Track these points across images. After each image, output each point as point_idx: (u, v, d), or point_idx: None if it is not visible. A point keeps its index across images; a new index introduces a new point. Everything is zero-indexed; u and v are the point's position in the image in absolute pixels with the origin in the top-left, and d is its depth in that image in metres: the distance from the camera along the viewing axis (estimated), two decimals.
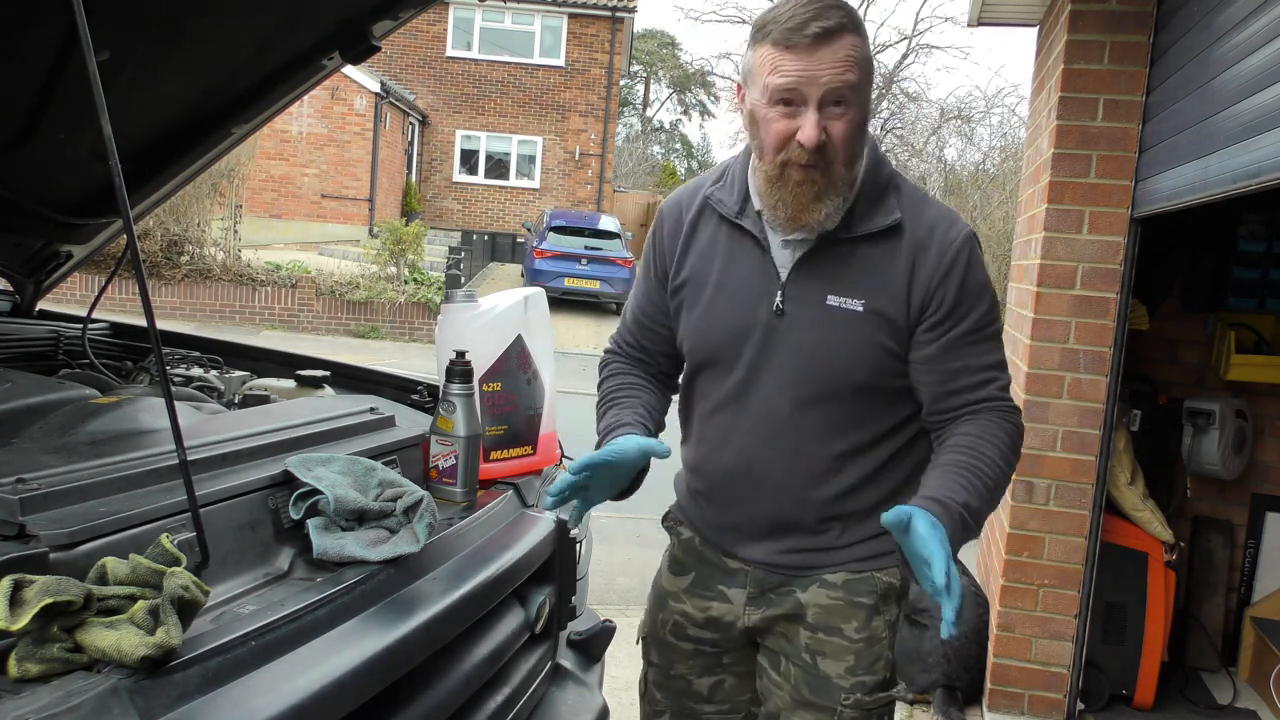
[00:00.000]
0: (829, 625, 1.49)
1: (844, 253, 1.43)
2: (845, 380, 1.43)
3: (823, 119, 1.33)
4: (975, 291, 1.43)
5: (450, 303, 1.77)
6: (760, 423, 1.48)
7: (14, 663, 0.87)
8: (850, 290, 1.42)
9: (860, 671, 1.48)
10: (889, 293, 1.42)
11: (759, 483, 1.50)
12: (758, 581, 1.54)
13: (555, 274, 14.50)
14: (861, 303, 1.42)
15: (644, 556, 4.96)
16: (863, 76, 1.34)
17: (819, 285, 1.43)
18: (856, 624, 1.49)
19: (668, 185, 27.40)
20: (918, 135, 20.98)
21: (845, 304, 1.42)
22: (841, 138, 1.34)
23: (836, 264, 1.43)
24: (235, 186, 12.88)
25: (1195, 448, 3.52)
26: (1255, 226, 3.54)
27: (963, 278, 1.42)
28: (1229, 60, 2.17)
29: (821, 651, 1.49)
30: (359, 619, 1.17)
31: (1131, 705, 3.23)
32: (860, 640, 1.48)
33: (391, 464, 1.54)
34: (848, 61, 1.31)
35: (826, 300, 1.43)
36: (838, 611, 1.49)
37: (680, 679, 1.63)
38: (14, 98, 1.81)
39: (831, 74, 1.31)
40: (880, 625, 1.50)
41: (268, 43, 2.02)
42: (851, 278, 1.42)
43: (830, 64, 1.30)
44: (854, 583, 1.49)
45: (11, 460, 1.18)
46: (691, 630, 1.60)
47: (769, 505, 1.50)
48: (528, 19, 20.80)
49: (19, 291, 2.43)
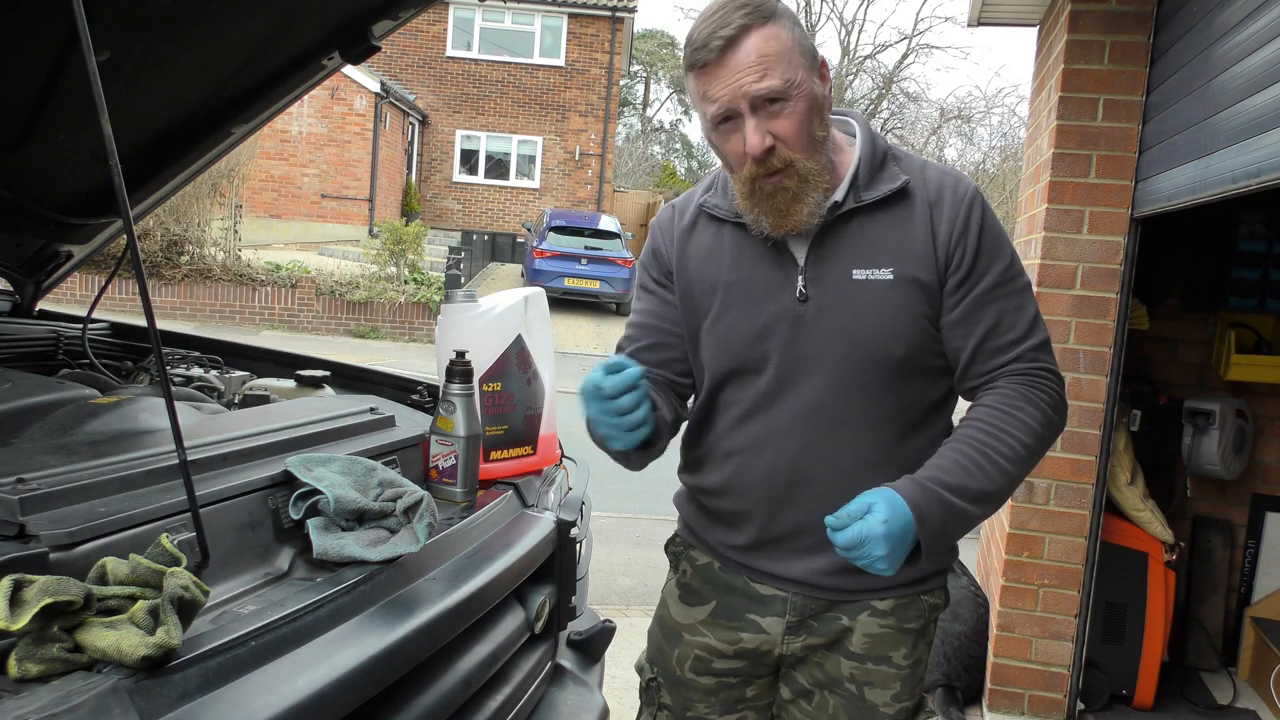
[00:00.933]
0: (878, 655, 1.43)
1: (859, 223, 1.36)
2: (886, 358, 1.35)
3: (763, 121, 1.28)
4: (994, 244, 1.36)
5: (450, 303, 1.77)
6: (798, 421, 1.38)
7: (14, 663, 0.87)
8: (875, 260, 1.34)
9: (905, 698, 1.44)
10: (915, 254, 1.34)
11: (802, 488, 1.39)
12: (798, 609, 1.44)
13: (555, 274, 14.51)
14: (890, 270, 1.34)
15: (644, 556, 4.96)
16: (787, 67, 1.27)
17: (841, 261, 1.35)
18: (905, 650, 1.43)
19: (668, 185, 27.41)
20: (918, 135, 20.99)
21: (873, 275, 1.34)
22: (789, 133, 1.28)
23: (854, 236, 1.36)
24: (235, 186, 12.89)
25: (1195, 448, 3.52)
26: (1255, 226, 3.54)
27: (980, 228, 1.35)
28: (1229, 60, 2.17)
29: (869, 682, 1.43)
30: (359, 619, 1.17)
31: (1131, 705, 3.23)
32: (907, 666, 1.44)
33: (391, 464, 1.54)
34: (762, 62, 1.26)
35: (853, 275, 1.35)
36: (887, 640, 1.43)
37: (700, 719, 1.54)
38: (14, 98, 1.81)
39: (749, 80, 1.26)
40: (923, 648, 1.47)
41: (268, 43, 2.02)
42: (873, 246, 1.35)
43: (744, 70, 1.26)
44: (902, 608, 1.43)
45: (11, 460, 1.18)
46: (719, 664, 1.50)
47: (815, 511, 1.33)
48: (528, 19, 20.81)
49: (19, 291, 2.43)
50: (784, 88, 1.27)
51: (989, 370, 1.37)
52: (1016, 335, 1.36)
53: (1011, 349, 1.36)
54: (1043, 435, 1.33)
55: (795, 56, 1.28)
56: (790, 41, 1.28)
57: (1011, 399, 1.34)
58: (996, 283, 1.36)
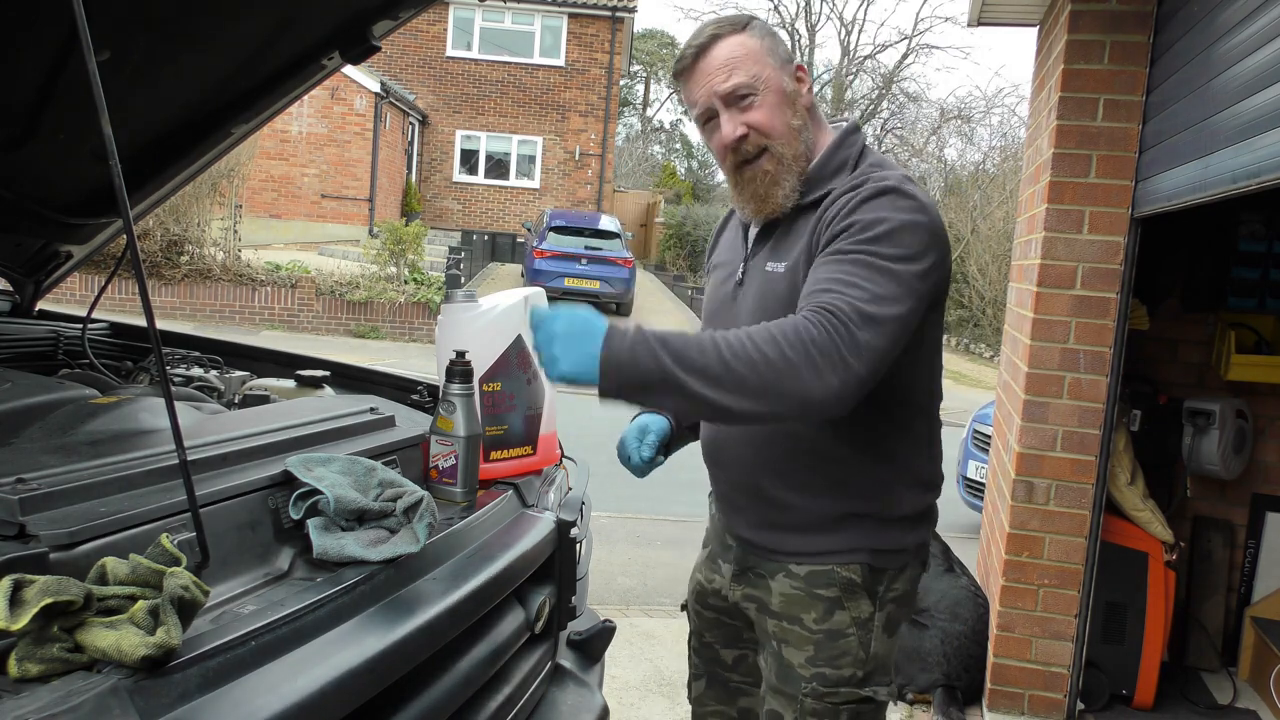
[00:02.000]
0: (791, 615, 1.54)
1: (785, 224, 1.53)
2: None
3: (736, 115, 1.46)
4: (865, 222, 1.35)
5: (450, 303, 1.76)
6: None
7: (14, 663, 0.87)
8: (783, 255, 1.50)
9: (820, 663, 1.51)
10: (805, 249, 1.45)
11: (721, 450, 1.61)
12: (739, 559, 1.63)
13: (555, 274, 14.52)
14: (784, 264, 1.49)
15: (644, 556, 4.96)
16: (754, 66, 1.45)
17: (764, 255, 1.54)
18: (815, 615, 1.52)
19: (668, 185, 27.41)
20: (918, 135, 20.99)
21: (774, 268, 1.50)
22: (760, 120, 1.46)
23: (778, 235, 1.54)
24: (235, 186, 12.88)
25: (1195, 448, 3.52)
26: (1255, 226, 3.54)
27: (854, 208, 1.38)
28: (1229, 60, 2.17)
29: (785, 640, 1.55)
30: (359, 619, 1.17)
31: (1131, 705, 3.23)
32: (820, 632, 1.51)
33: (391, 464, 1.54)
34: (729, 63, 1.45)
35: (766, 267, 1.52)
36: (798, 601, 1.53)
37: (710, 646, 1.75)
38: (14, 98, 1.81)
39: (717, 80, 1.46)
40: (844, 620, 1.51)
41: (268, 43, 2.02)
42: (787, 245, 1.51)
43: (714, 72, 1.46)
44: (814, 575, 1.53)
45: (11, 460, 1.18)
46: (712, 600, 1.71)
47: (732, 471, 1.60)
48: (528, 19, 20.82)
49: (19, 291, 2.43)
50: (750, 83, 1.45)
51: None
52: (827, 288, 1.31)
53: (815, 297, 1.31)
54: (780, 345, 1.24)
55: (763, 58, 1.47)
56: (758, 47, 1.47)
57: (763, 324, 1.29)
58: (845, 250, 1.34)
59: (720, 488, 1.66)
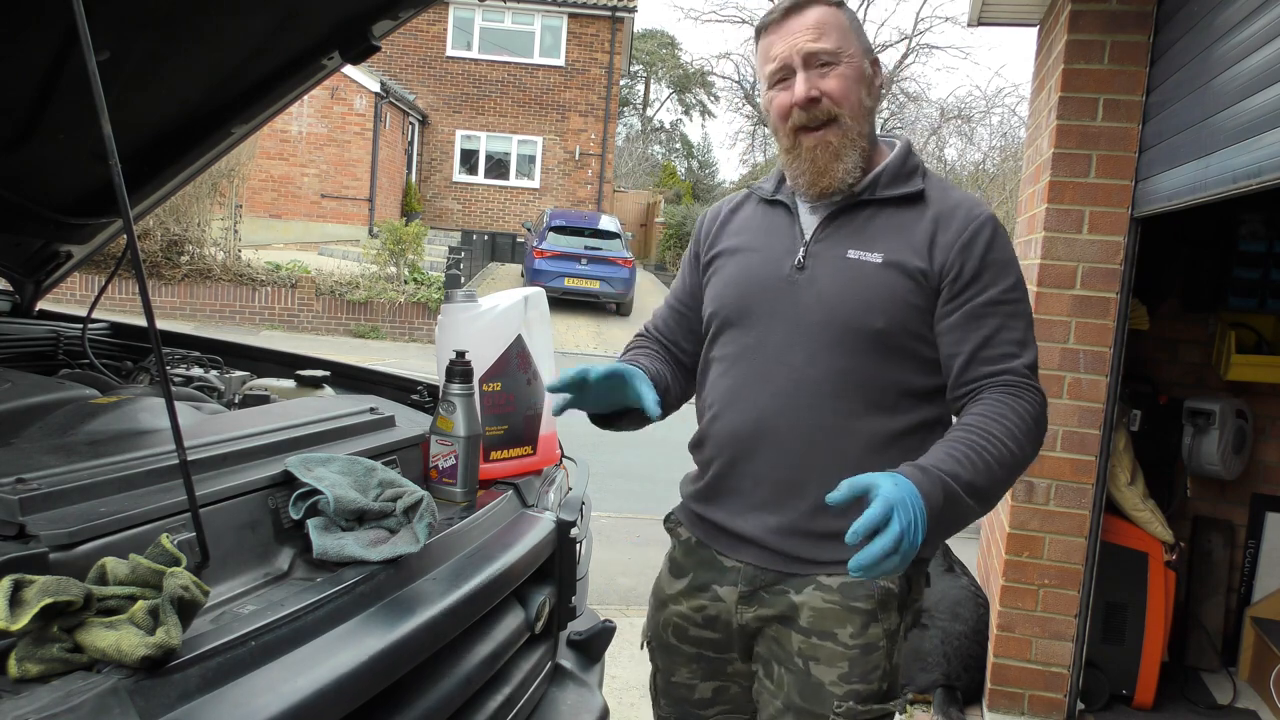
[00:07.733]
0: (823, 630, 1.45)
1: (869, 214, 1.48)
2: (862, 327, 1.42)
3: (813, 77, 1.44)
4: (1000, 265, 1.43)
5: (450, 303, 1.76)
6: (770, 378, 1.47)
7: (14, 663, 0.87)
8: (871, 245, 1.45)
9: (854, 679, 1.43)
10: (910, 248, 1.43)
11: (763, 439, 1.47)
12: (749, 579, 1.51)
13: (555, 274, 14.50)
14: (880, 255, 1.44)
15: (644, 556, 4.96)
16: (841, 39, 1.45)
17: (842, 242, 1.48)
18: (852, 630, 1.44)
19: (668, 185, 27.40)
20: (918, 135, 20.97)
21: (865, 257, 1.45)
22: (836, 90, 1.44)
23: (861, 223, 1.48)
24: (235, 186, 12.88)
25: (1195, 448, 3.52)
26: (1255, 226, 3.54)
27: (986, 248, 1.43)
28: (1229, 60, 2.17)
29: (815, 657, 1.45)
30: (359, 619, 1.17)
31: (1131, 705, 3.23)
32: (855, 647, 1.44)
33: (391, 464, 1.54)
34: (819, 26, 1.44)
35: (847, 254, 1.46)
36: (832, 616, 1.44)
37: (682, 686, 1.63)
38: (14, 98, 1.81)
39: (804, 39, 1.44)
40: (878, 633, 1.45)
41: (268, 43, 2.02)
42: (873, 235, 1.46)
43: (801, 30, 1.44)
44: (850, 586, 1.44)
45: (11, 460, 1.18)
46: (694, 632, 1.59)
47: (771, 464, 1.46)
48: (528, 19, 20.81)
49: (19, 291, 2.43)
50: (835, 50, 1.44)
51: (980, 378, 1.41)
52: (1010, 350, 1.41)
53: (1004, 361, 1.41)
54: (1025, 446, 1.35)
55: (850, 35, 1.46)
56: (848, 24, 1.47)
57: (1000, 407, 1.37)
58: (997, 300, 1.42)
59: (742, 483, 1.50)
